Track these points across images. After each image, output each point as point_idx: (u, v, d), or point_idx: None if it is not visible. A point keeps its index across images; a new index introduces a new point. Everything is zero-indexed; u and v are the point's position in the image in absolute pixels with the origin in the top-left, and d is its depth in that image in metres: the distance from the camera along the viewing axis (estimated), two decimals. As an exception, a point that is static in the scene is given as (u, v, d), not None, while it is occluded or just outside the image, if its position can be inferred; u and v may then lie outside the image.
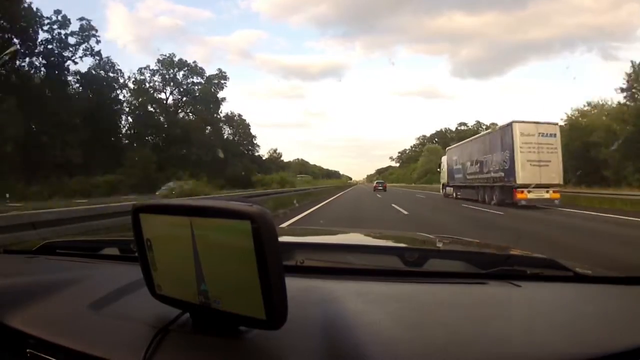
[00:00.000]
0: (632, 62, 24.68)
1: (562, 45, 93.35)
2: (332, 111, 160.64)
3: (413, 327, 0.62)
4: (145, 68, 40.92)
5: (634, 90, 23.89)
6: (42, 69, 31.53)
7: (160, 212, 0.58)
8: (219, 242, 0.52)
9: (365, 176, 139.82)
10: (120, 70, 38.27)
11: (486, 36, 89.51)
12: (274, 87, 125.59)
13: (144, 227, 0.59)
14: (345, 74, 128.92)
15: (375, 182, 37.20)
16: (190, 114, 42.60)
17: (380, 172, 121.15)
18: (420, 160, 72.26)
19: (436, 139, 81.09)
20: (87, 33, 33.73)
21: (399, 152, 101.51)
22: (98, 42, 34.80)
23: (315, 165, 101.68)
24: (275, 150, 67.82)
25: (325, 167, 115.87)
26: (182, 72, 42.16)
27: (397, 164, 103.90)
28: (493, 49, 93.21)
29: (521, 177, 9.49)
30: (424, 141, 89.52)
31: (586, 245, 5.42)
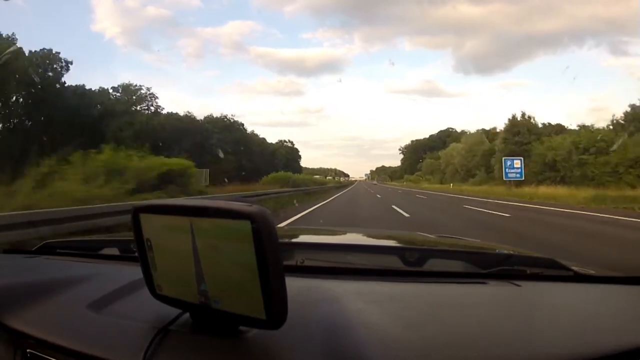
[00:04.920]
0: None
1: (570, 38, 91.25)
2: (330, 109, 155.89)
3: (413, 327, 0.62)
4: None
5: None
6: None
7: (160, 212, 0.58)
8: (219, 242, 0.51)
9: (369, 171, 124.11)
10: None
11: (492, 28, 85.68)
12: (270, 83, 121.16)
13: (144, 227, 0.59)
14: (344, 70, 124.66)
15: None
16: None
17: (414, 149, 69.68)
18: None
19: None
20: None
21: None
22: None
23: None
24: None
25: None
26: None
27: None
28: (499, 42, 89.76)
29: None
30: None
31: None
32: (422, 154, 71.26)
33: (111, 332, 0.62)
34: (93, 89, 35.75)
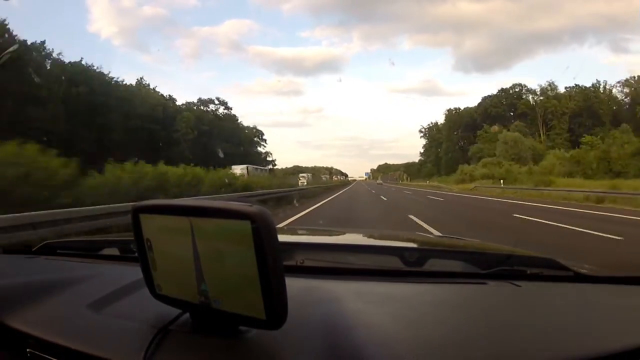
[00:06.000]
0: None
1: (571, 36, 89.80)
2: (329, 109, 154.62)
3: (413, 327, 0.62)
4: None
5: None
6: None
7: (160, 212, 0.58)
8: (219, 242, 0.52)
9: (369, 170, 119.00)
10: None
11: (492, 26, 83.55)
12: (268, 82, 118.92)
13: (144, 227, 0.59)
14: (343, 69, 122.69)
15: None
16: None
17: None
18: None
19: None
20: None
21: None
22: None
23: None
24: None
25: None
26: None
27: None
28: (499, 40, 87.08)
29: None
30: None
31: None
32: (467, 134, 43.14)
33: (111, 332, 0.62)
34: None
